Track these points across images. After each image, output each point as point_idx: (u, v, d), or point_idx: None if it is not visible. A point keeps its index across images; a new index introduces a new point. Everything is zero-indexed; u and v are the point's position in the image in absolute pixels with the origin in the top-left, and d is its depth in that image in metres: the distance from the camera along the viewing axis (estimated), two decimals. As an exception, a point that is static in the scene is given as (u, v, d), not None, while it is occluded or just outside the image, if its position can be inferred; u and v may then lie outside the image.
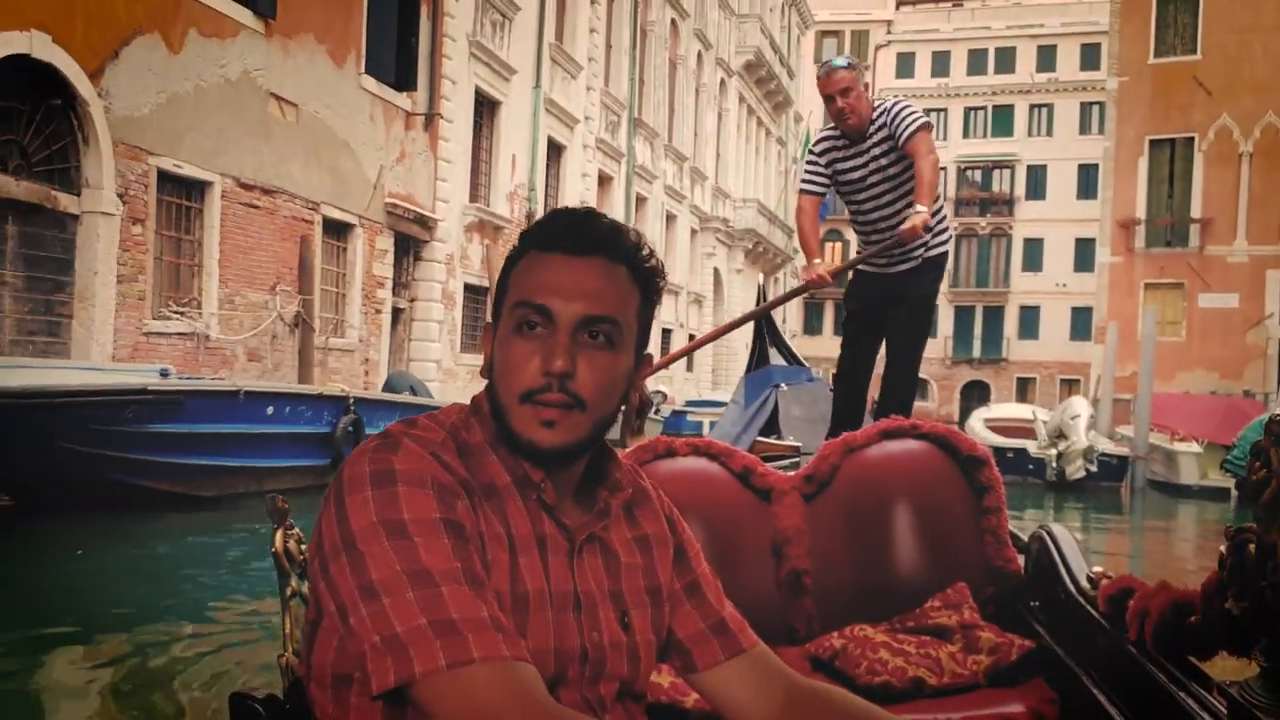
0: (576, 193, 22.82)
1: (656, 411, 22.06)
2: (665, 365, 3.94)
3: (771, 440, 6.06)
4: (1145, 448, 16.04)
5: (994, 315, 48.92)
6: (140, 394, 7.66)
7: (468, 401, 1.12)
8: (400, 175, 15.63)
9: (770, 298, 28.50)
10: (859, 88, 3.93)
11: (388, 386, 13.14)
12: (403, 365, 16.09)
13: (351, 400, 9.95)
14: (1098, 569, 1.86)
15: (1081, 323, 41.61)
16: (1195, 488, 15.09)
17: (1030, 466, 15.26)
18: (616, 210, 25.24)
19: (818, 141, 4.22)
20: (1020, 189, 48.09)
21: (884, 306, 4.17)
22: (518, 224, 19.22)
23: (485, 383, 1.10)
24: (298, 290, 12.84)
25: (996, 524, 2.18)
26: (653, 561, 1.15)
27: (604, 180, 24.68)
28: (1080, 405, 15.77)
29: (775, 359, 7.21)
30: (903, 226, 3.87)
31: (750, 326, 8.76)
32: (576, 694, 1.04)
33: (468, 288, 17.95)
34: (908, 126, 3.90)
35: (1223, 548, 1.31)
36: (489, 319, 1.11)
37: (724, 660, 1.17)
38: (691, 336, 30.27)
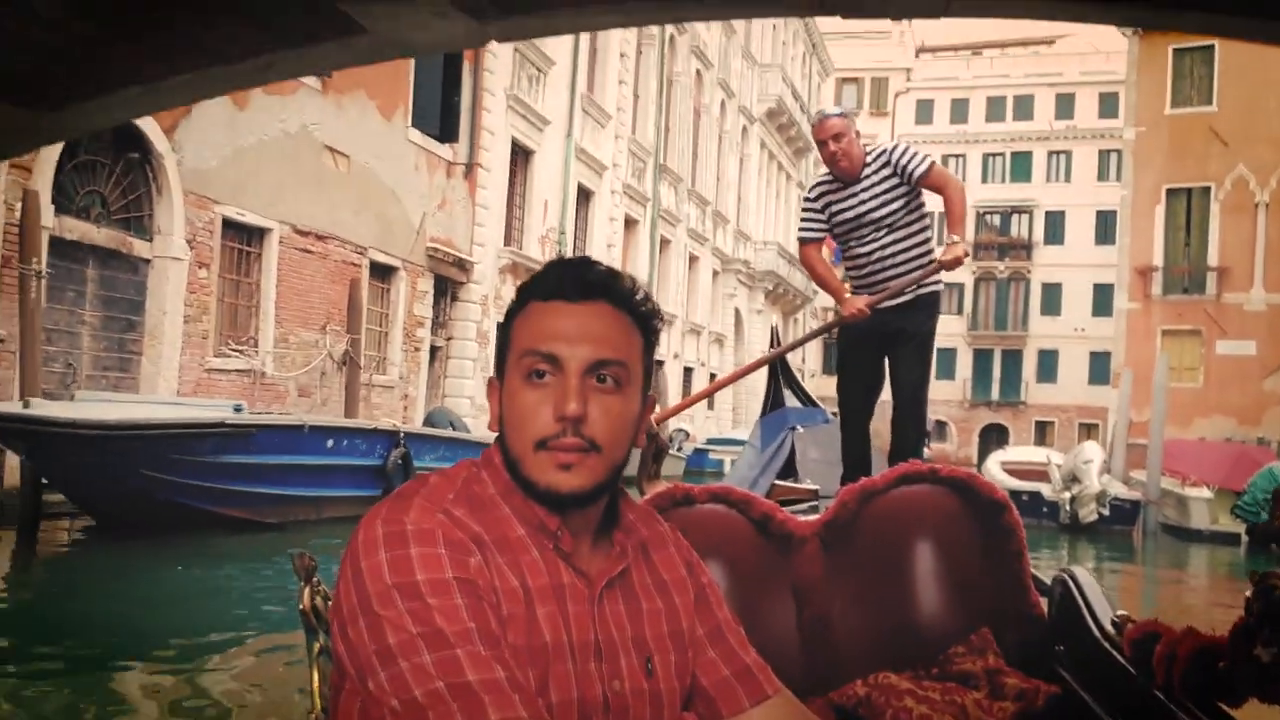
0: (604, 236, 23.62)
1: (679, 449, 22.63)
2: (688, 406, 4.16)
3: (789, 483, 5.97)
4: (1158, 493, 16.47)
5: (1012, 358, 48.91)
6: (218, 427, 8.36)
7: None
8: (441, 221, 16.43)
9: (785, 339, 29.05)
10: (851, 134, 4.04)
11: (429, 422, 13.81)
12: (438, 401, 16.79)
13: (402, 435, 10.63)
14: (1122, 612, 1.84)
15: (1100, 367, 41.79)
16: (1206, 532, 15.48)
17: (1044, 509, 15.73)
18: (641, 252, 26.01)
19: (813, 188, 4.31)
20: (1039, 234, 48.49)
21: (880, 347, 4.21)
22: (521, 283, 19.95)
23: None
24: (346, 330, 13.58)
25: (1019, 568, 2.15)
26: (674, 606, 1.15)
27: (630, 224, 25.47)
28: (1093, 450, 16.26)
29: (790, 401, 7.24)
30: (945, 256, 4.00)
31: (728, 348, 9.10)
32: None
33: (500, 328, 18.68)
34: (920, 164, 4.04)
35: (1249, 593, 1.31)
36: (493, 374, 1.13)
37: (748, 707, 1.16)
38: (713, 375, 30.90)
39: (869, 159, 4.10)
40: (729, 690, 1.15)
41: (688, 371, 29.50)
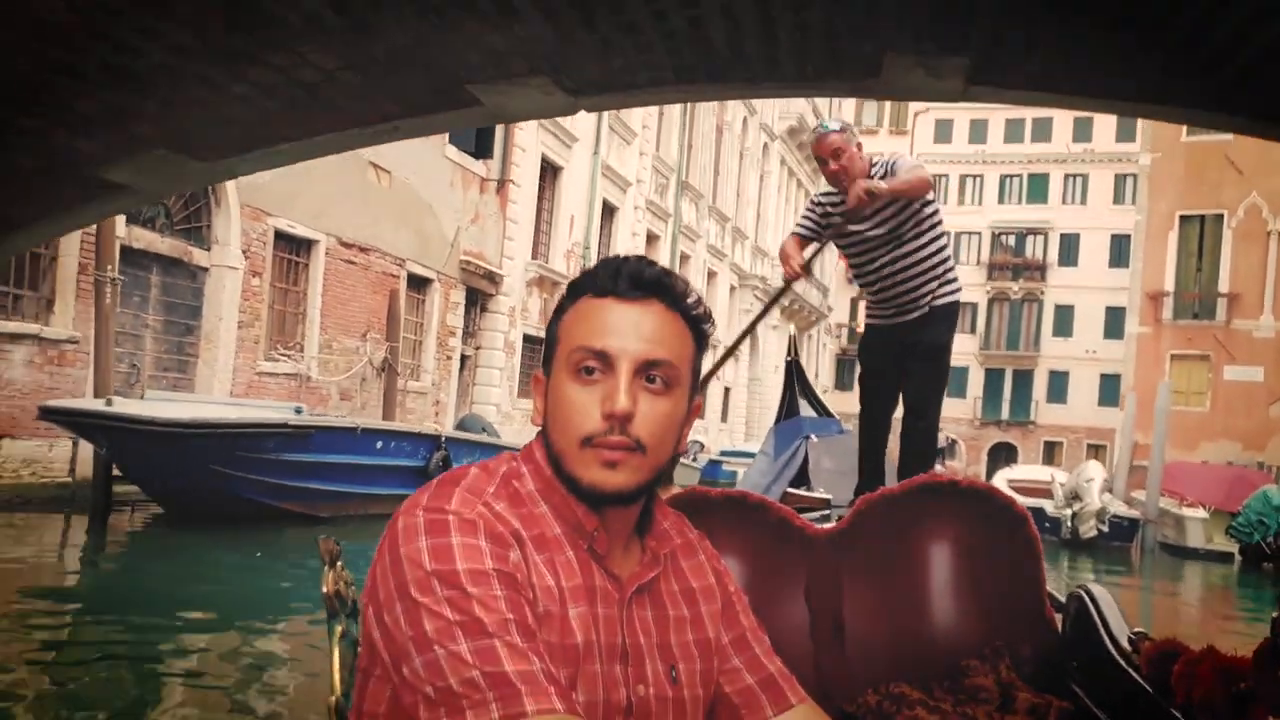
0: (626, 250, 24.33)
1: (694, 459, 23.29)
2: None
3: (801, 492, 6.01)
4: (1156, 512, 17.09)
5: (1023, 378, 49.03)
6: (281, 428, 9.10)
7: (523, 443, 1.12)
8: (474, 235, 17.18)
9: (800, 353, 29.35)
10: (850, 149, 3.94)
11: (462, 426, 14.53)
12: (467, 408, 17.52)
13: (443, 438, 11.36)
14: (1139, 630, 1.83)
15: (1109, 389, 42.16)
16: (1201, 551, 16.11)
17: (1046, 525, 16.34)
18: (660, 255, 26.71)
19: (824, 193, 4.26)
20: (1053, 255, 48.88)
21: (898, 359, 4.16)
22: (573, 279, 20.71)
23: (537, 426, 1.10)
24: (385, 338, 14.32)
25: (1036, 582, 2.14)
26: (701, 615, 1.14)
27: (651, 239, 26.21)
28: (1095, 469, 16.90)
29: (805, 410, 7.12)
30: (850, 192, 3.86)
31: (780, 378, 9.06)
32: None
33: (526, 338, 19.43)
34: (911, 164, 3.97)
35: (1275, 613, 1.31)
36: (540, 368, 1.11)
37: (772, 716, 1.15)
38: (727, 389, 31.58)
39: (872, 172, 3.98)
40: (753, 698, 1.15)
41: (726, 391, 30.25)
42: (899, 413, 4.31)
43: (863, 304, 4.54)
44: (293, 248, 13.20)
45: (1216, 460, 29.00)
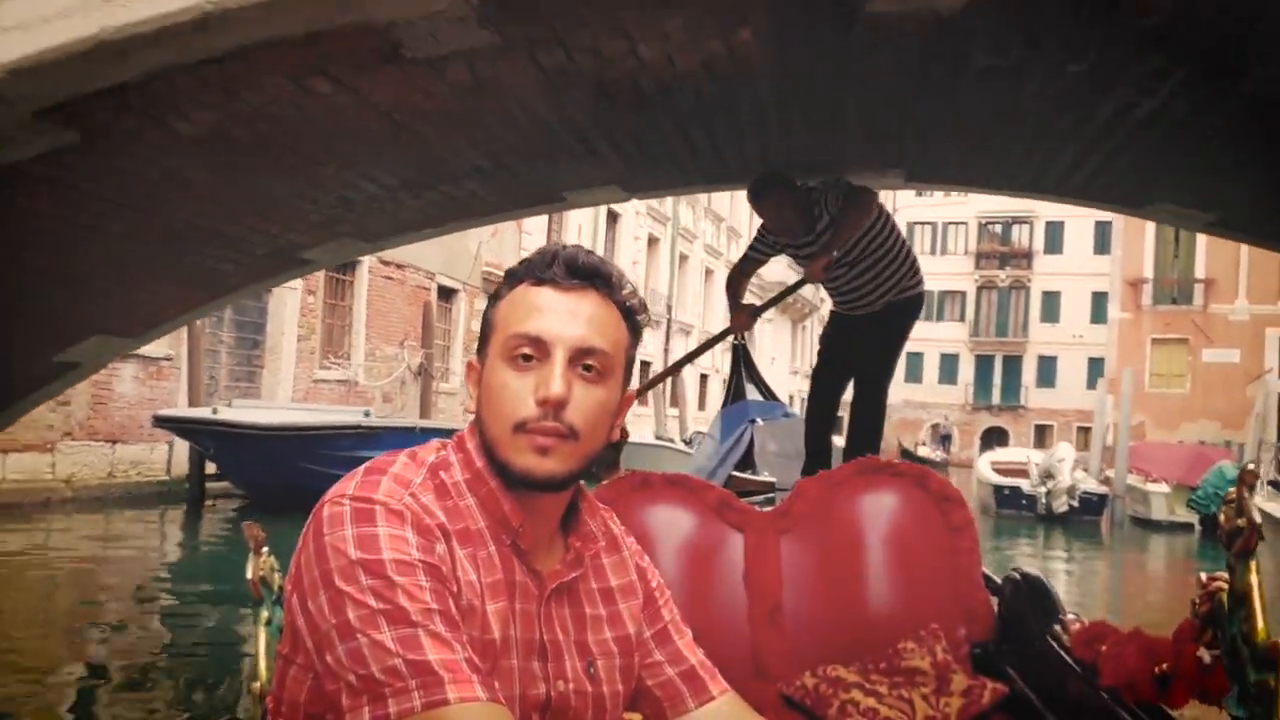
0: (630, 254, 25.91)
1: (692, 444, 24.75)
2: (651, 388, 4.27)
3: (747, 475, 6.02)
4: (1124, 488, 18.75)
5: (1013, 364, 49.52)
6: (356, 428, 10.69)
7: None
8: (493, 246, 18.76)
9: (798, 346, 30.70)
10: (787, 205, 3.96)
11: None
12: (489, 406, 19.12)
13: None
14: (1071, 614, 1.85)
15: (1097, 372, 43.51)
16: (1165, 523, 17.74)
17: (1024, 501, 18.03)
18: (662, 268, 28.29)
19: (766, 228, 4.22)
20: (1039, 243, 49.89)
21: (854, 346, 4.21)
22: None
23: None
24: (420, 344, 15.91)
25: (969, 564, 2.16)
26: (620, 613, 1.16)
27: (652, 242, 27.79)
28: (1066, 450, 18.53)
29: (751, 394, 7.06)
30: (807, 268, 3.95)
31: (773, 370, 9.95)
32: None
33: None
34: (851, 190, 3.99)
35: (1195, 595, 1.34)
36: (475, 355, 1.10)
37: (693, 708, 1.17)
38: (704, 376, 33.16)
39: (816, 210, 4.00)
40: (674, 691, 1.17)
41: (704, 378, 31.75)
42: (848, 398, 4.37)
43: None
44: (341, 267, 14.76)
45: (1197, 440, 30.40)
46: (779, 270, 38.20)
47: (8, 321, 4.77)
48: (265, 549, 1.55)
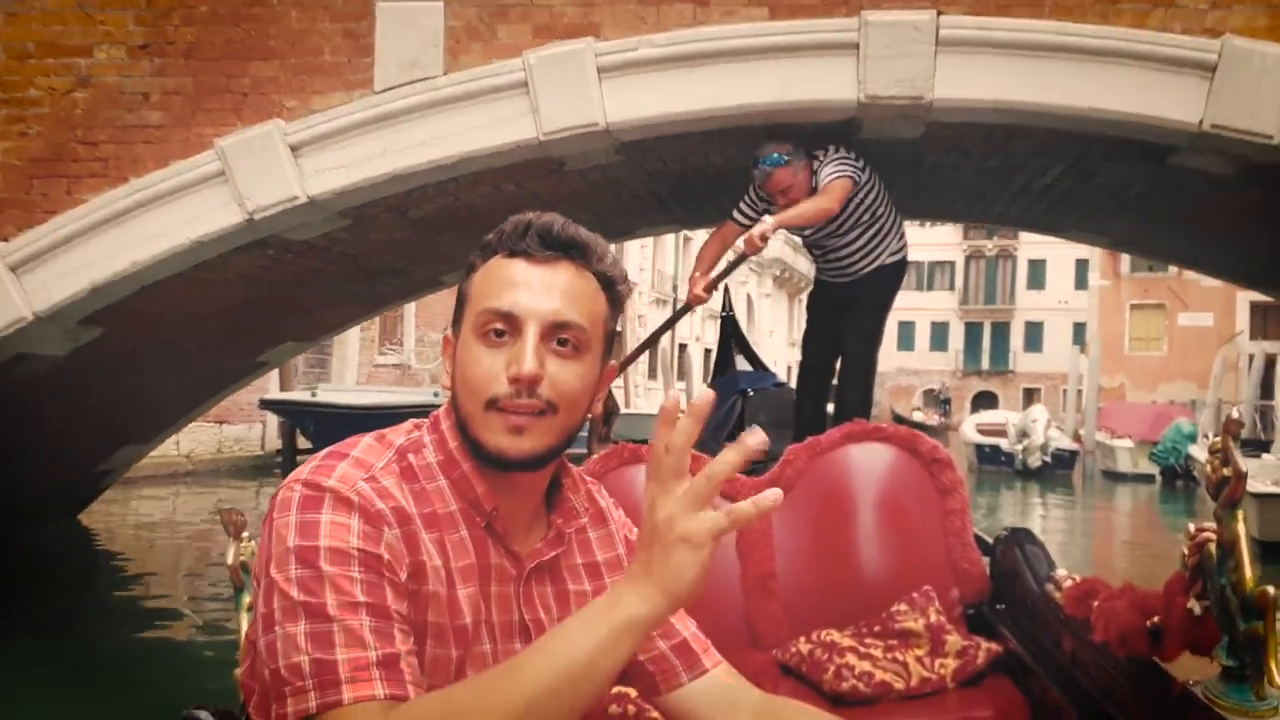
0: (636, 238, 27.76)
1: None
2: (634, 360, 4.44)
3: None
4: (1094, 444, 20.81)
5: (1001, 330, 50.69)
6: (432, 407, 12.62)
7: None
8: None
9: (794, 319, 32.45)
10: (798, 178, 3.99)
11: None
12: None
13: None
14: (1062, 571, 1.85)
15: (1082, 337, 45.12)
16: (1130, 474, 19.79)
17: (1002, 458, 20.12)
18: (667, 249, 30.15)
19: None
20: (1024, 215, 51.38)
21: (838, 313, 4.22)
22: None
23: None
24: (462, 331, 17.89)
25: (960, 526, 2.16)
26: (604, 587, 1.11)
27: (658, 226, 29.60)
28: (1039, 412, 20.57)
29: (741, 365, 6.91)
30: (744, 236, 3.97)
31: (773, 342, 10.19)
32: None
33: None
34: (832, 172, 3.95)
35: (1184, 548, 1.32)
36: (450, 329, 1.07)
37: (686, 682, 1.14)
38: (708, 352, 34.95)
39: (815, 182, 4.04)
40: (666, 665, 1.14)
41: (707, 353, 33.69)
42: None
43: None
44: (392, 264, 16.72)
45: (1175, 400, 32.29)
46: (776, 248, 40.02)
47: (234, 333, 6.72)
48: (245, 534, 1.58)
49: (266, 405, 12.01)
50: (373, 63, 4.85)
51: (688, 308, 4.41)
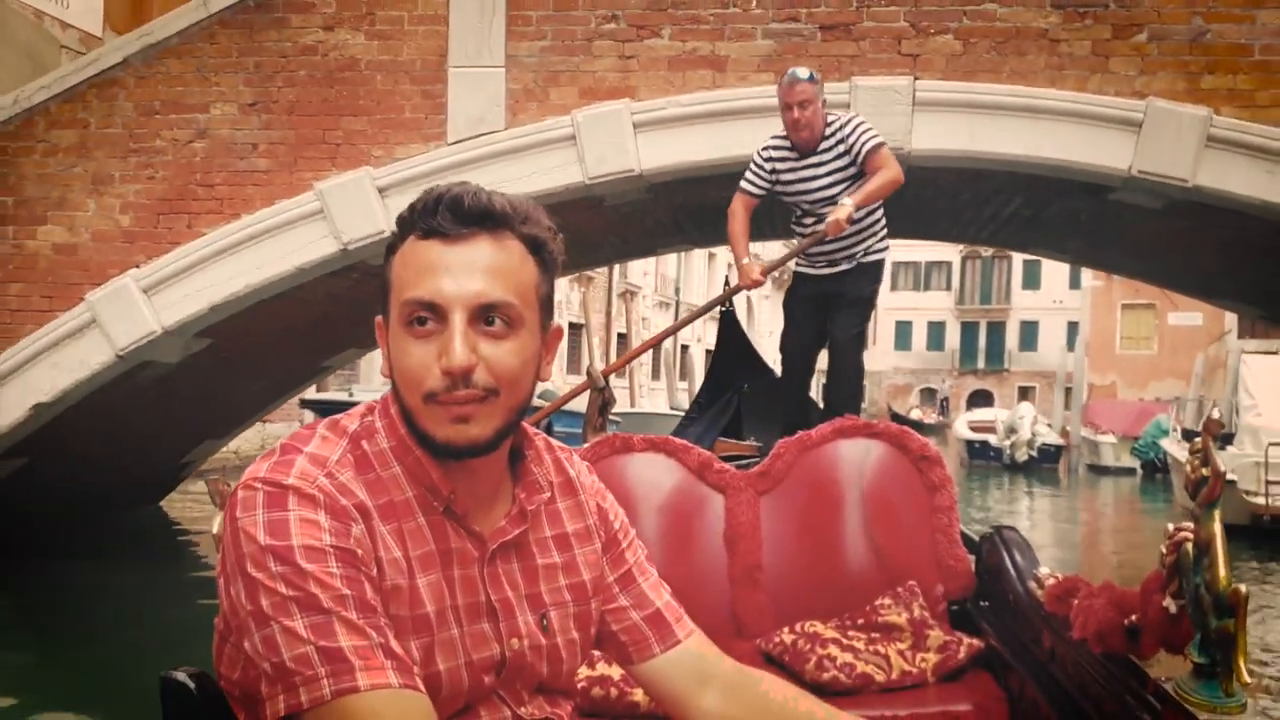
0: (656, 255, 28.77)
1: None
2: (630, 360, 4.31)
3: (733, 441, 5.92)
4: (1079, 439, 21.84)
5: (996, 330, 51.25)
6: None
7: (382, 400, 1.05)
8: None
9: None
10: (817, 103, 3.98)
11: (543, 398, 19.05)
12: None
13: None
14: (1044, 570, 1.86)
15: (1076, 336, 45.88)
16: (1112, 468, 20.82)
17: (991, 453, 21.18)
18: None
19: (766, 148, 4.19)
20: (1018, 216, 52.06)
21: (821, 308, 4.23)
22: (604, 271, 25.14)
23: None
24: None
25: (947, 523, 2.18)
26: (575, 559, 1.11)
27: (661, 231, 30.60)
28: (1026, 409, 21.63)
29: (738, 359, 6.67)
30: (828, 220, 3.90)
31: (774, 341, 9.20)
32: (491, 697, 1.03)
33: (570, 325, 23.94)
34: (866, 142, 3.96)
35: (1163, 546, 1.34)
36: (380, 316, 1.01)
37: (659, 653, 1.14)
38: (709, 351, 35.85)
39: (827, 131, 4.03)
40: (639, 636, 1.14)
41: (709, 354, 34.64)
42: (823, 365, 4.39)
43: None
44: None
45: (1165, 398, 33.16)
46: (775, 249, 40.81)
47: (311, 342, 7.73)
48: None
49: (307, 404, 12.97)
50: (446, 119, 5.86)
51: (739, 289, 4.35)
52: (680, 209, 6.87)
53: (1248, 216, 5.64)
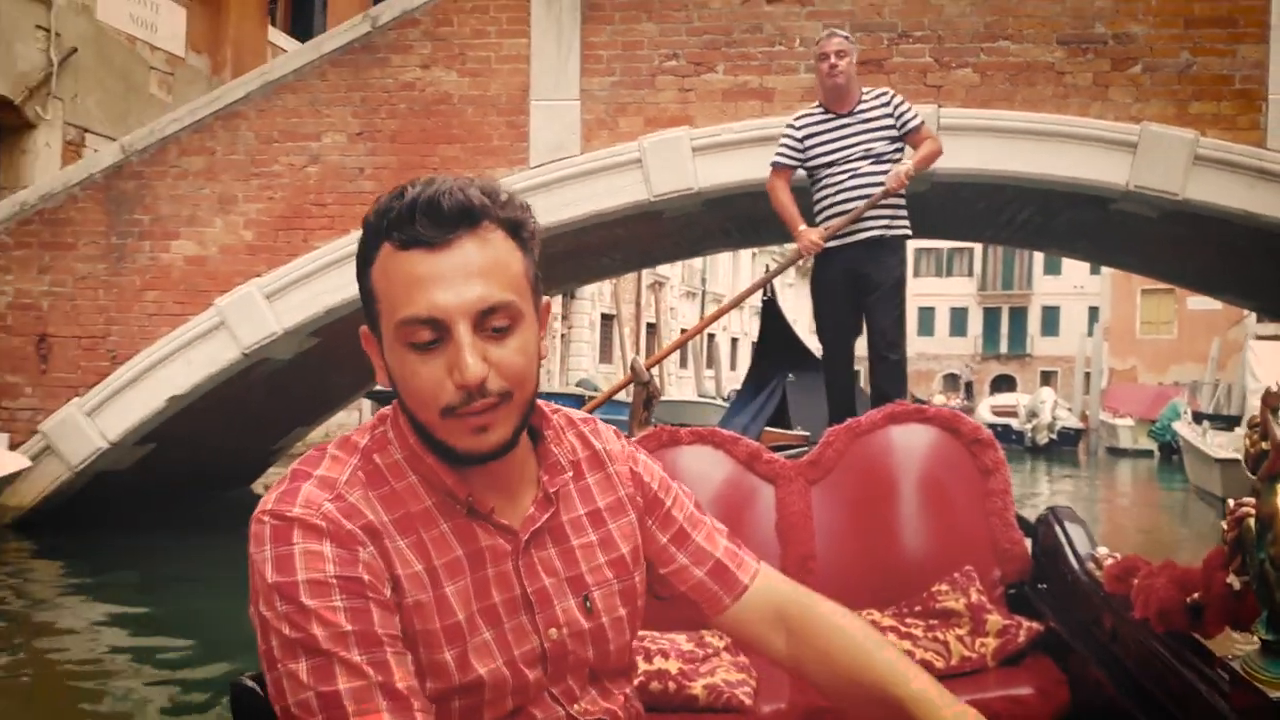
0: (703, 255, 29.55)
1: (728, 400, 28.33)
2: (672, 352, 4.49)
3: (780, 430, 6.08)
4: (1098, 422, 22.58)
5: (1018, 315, 51.41)
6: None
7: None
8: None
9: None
10: (852, 58, 4.06)
11: (580, 385, 19.98)
12: (566, 374, 22.95)
13: (586, 396, 16.76)
14: (1103, 550, 1.84)
15: (1097, 321, 46.11)
16: (1130, 450, 21.57)
17: (1013, 436, 21.97)
18: (698, 245, 31.87)
19: (798, 117, 4.24)
20: (1040, 202, 52.07)
21: (849, 289, 4.18)
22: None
23: None
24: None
25: (1002, 506, 2.16)
26: (611, 534, 1.09)
27: (688, 222, 31.36)
28: (1046, 394, 22.43)
29: (783, 349, 7.05)
30: (889, 175, 4.00)
31: (757, 318, 9.30)
32: (542, 695, 1.02)
33: (603, 316, 24.83)
34: (914, 118, 4.15)
35: (1224, 522, 1.31)
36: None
37: (730, 604, 1.13)
38: (735, 340, 36.57)
39: (865, 96, 4.11)
40: (707, 592, 1.13)
41: (735, 342, 35.47)
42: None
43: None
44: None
45: (1184, 381, 33.71)
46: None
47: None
48: None
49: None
50: (528, 145, 6.73)
51: (799, 256, 4.36)
52: (730, 218, 7.73)
53: (1234, 224, 6.44)
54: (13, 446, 7.16)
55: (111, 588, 6.08)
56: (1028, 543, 2.14)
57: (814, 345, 6.05)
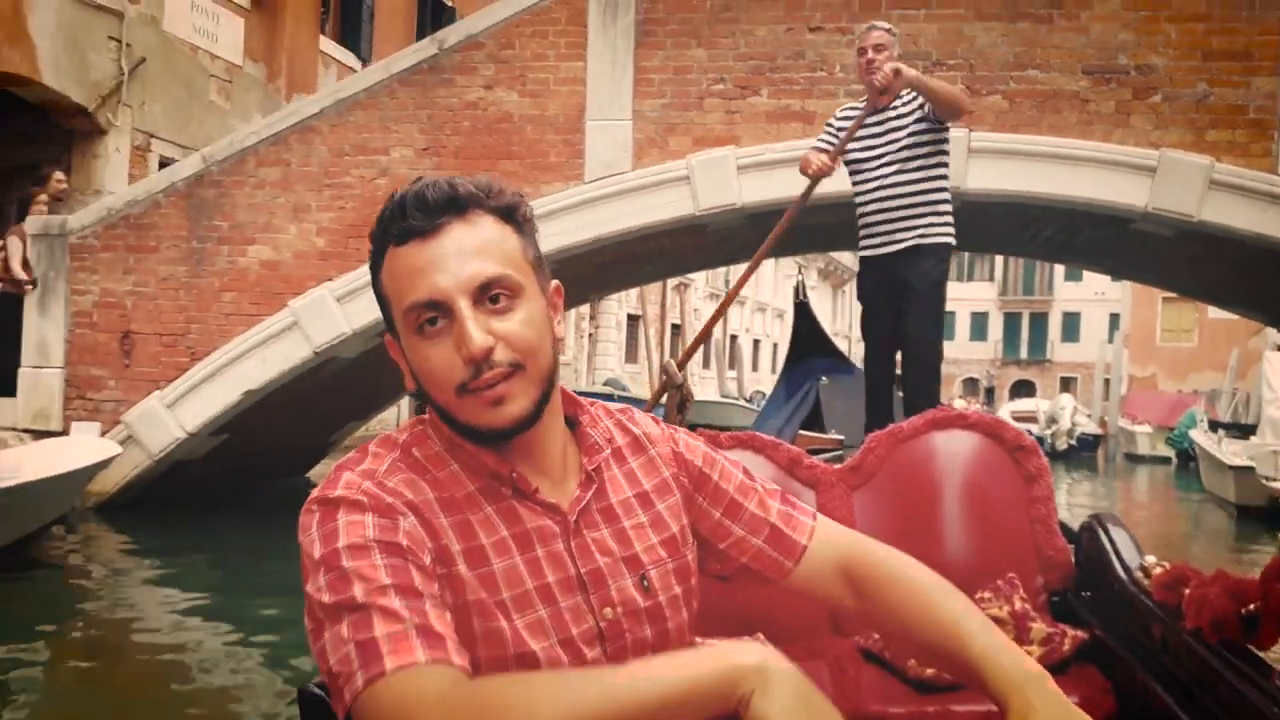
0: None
1: (752, 402, 28.69)
2: (699, 344, 4.50)
3: (814, 434, 6.40)
4: (1116, 428, 22.90)
5: (1039, 321, 51.72)
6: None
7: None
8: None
9: (836, 311, 33.79)
10: (892, 51, 4.04)
11: (608, 384, 20.46)
12: (593, 373, 23.43)
13: (616, 395, 17.24)
14: (1150, 558, 1.83)
15: (1118, 327, 46.19)
16: (1148, 456, 21.87)
17: (1032, 442, 22.28)
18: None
19: (842, 110, 4.32)
20: (1062, 208, 52.09)
21: (890, 294, 4.18)
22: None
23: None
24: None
25: (1046, 513, 2.14)
26: (660, 514, 1.11)
27: (713, 225, 31.73)
28: (1066, 400, 22.79)
29: (816, 352, 7.07)
30: (880, 75, 3.90)
31: (789, 321, 9.33)
32: None
33: (629, 317, 25.29)
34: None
35: None
36: (390, 333, 1.04)
37: (793, 568, 1.15)
38: (775, 345, 37.04)
39: (905, 94, 4.10)
40: (768, 560, 1.15)
41: (756, 343, 35.84)
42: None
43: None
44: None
45: (1203, 390, 33.84)
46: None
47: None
48: None
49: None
50: (583, 162, 7.21)
51: (814, 185, 4.28)
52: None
53: (1246, 244, 6.86)
54: (100, 435, 7.70)
55: (189, 574, 6.47)
56: (1070, 549, 2.15)
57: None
